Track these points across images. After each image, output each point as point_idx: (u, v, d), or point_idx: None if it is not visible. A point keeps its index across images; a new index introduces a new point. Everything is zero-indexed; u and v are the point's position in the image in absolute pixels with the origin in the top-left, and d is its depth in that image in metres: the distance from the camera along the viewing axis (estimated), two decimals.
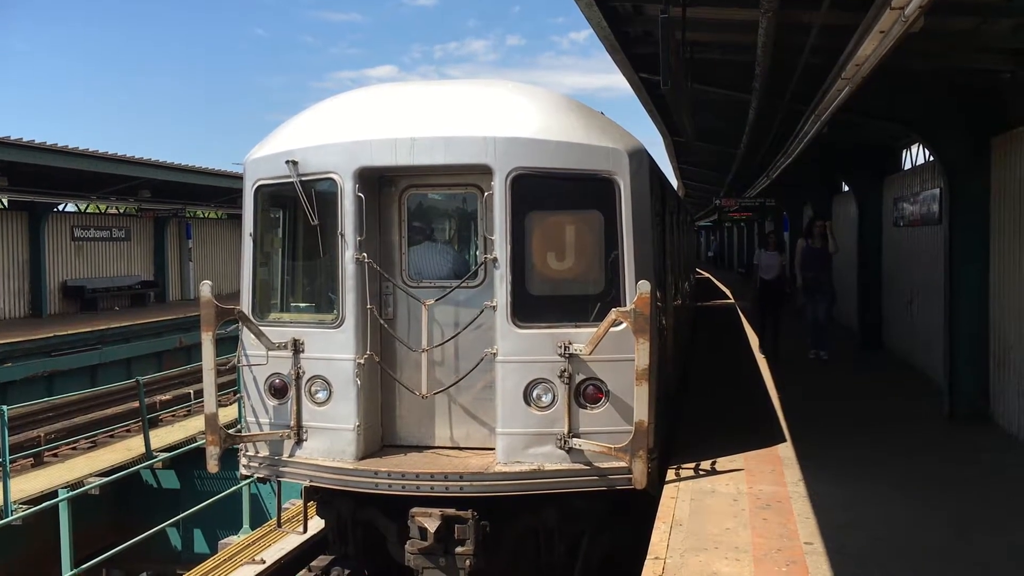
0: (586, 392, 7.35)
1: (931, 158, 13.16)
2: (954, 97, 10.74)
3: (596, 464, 7.27)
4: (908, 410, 11.47)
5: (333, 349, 7.68)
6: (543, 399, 7.36)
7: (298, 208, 7.89)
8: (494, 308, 7.42)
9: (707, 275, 45.79)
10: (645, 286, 6.94)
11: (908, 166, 17.21)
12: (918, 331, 14.64)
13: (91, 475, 13.96)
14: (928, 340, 13.52)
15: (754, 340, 18.15)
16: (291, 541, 10.10)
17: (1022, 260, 9.47)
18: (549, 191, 7.51)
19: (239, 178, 8.48)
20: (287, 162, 7.76)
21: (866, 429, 10.44)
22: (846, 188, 21.27)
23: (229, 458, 8.16)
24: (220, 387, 8.60)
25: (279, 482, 8.47)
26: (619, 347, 7.15)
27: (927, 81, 10.91)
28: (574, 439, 7.26)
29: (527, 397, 7.37)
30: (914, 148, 16.79)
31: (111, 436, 16.58)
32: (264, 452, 7.94)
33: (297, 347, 7.74)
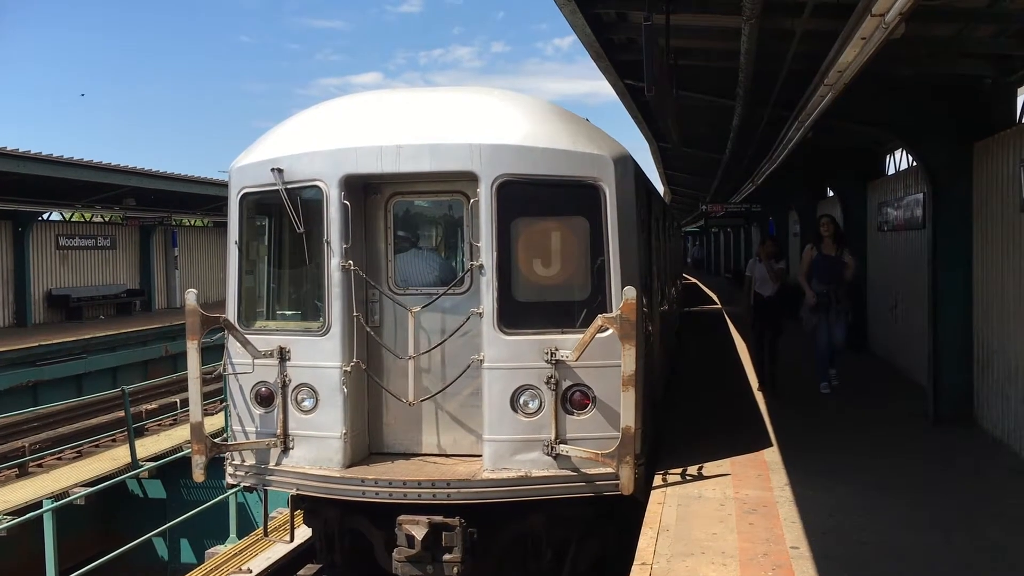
0: (573, 398, 7.36)
1: (915, 163, 13.26)
2: (937, 102, 10.82)
3: (583, 470, 7.28)
4: (892, 413, 11.52)
5: (319, 357, 7.66)
6: (530, 405, 7.36)
7: (284, 216, 7.87)
8: (480, 315, 7.43)
9: (694, 280, 45.92)
10: (631, 292, 6.95)
11: (892, 171, 17.34)
12: (902, 334, 14.72)
13: (76, 485, 13.87)
14: (912, 343, 13.59)
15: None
16: (278, 550, 10.05)
17: (1005, 264, 9.54)
18: (535, 198, 7.52)
19: (225, 186, 8.46)
20: (272, 170, 7.74)
21: (851, 433, 10.48)
22: (831, 193, 21.41)
23: (215, 467, 8.12)
24: (206, 396, 8.57)
25: (266, 491, 8.44)
26: (605, 353, 7.16)
27: (910, 86, 11.00)
28: (561, 445, 7.27)
29: (514, 404, 7.37)
30: (898, 153, 16.93)
31: (96, 446, 16.50)
32: (250, 461, 7.91)
33: (283, 355, 7.72)
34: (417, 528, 7.06)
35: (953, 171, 10.57)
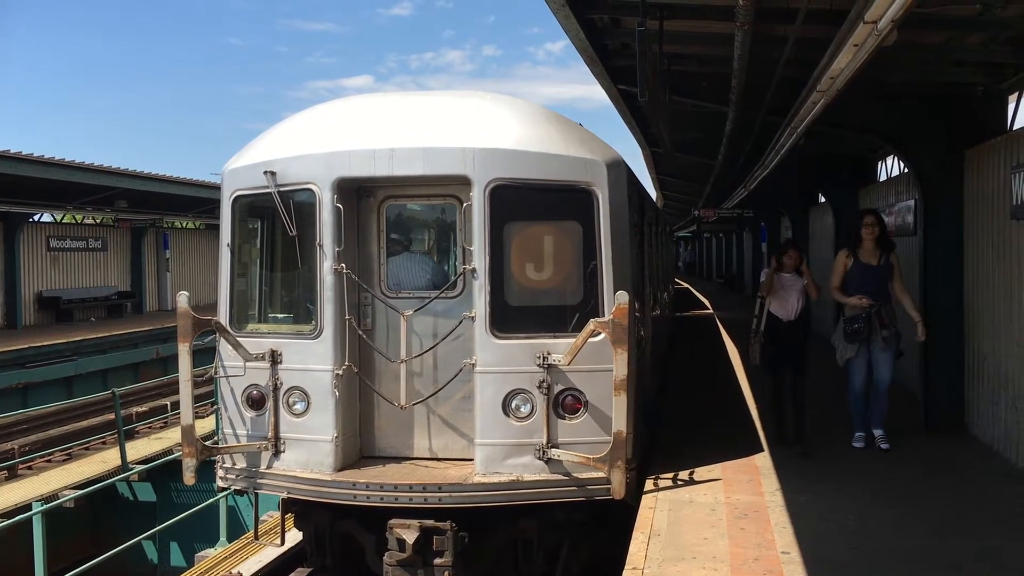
0: (564, 402, 7.36)
1: (906, 169, 13.31)
2: (928, 109, 10.87)
3: (575, 475, 7.28)
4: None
5: (311, 360, 7.65)
6: (522, 409, 7.37)
7: (276, 219, 7.87)
8: (473, 319, 7.43)
9: (686, 285, 46.01)
10: (623, 296, 6.96)
11: (883, 177, 17.41)
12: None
13: (66, 488, 13.82)
14: (903, 350, 13.60)
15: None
16: (268, 554, 10.03)
17: (995, 270, 9.57)
18: (527, 202, 7.53)
19: (217, 188, 8.46)
20: (265, 172, 7.74)
21: (842, 438, 10.48)
22: (822, 199, 21.47)
23: (206, 470, 8.10)
24: (197, 399, 8.55)
25: (256, 494, 8.42)
26: (597, 357, 7.17)
27: (902, 94, 11.05)
28: (553, 449, 7.27)
29: (506, 408, 7.37)
30: (889, 159, 16.99)
31: (86, 448, 16.44)
32: (241, 464, 7.89)
33: (275, 358, 7.71)
34: (408, 532, 7.05)
35: (944, 178, 10.61)
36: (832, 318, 10.16)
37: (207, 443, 8.09)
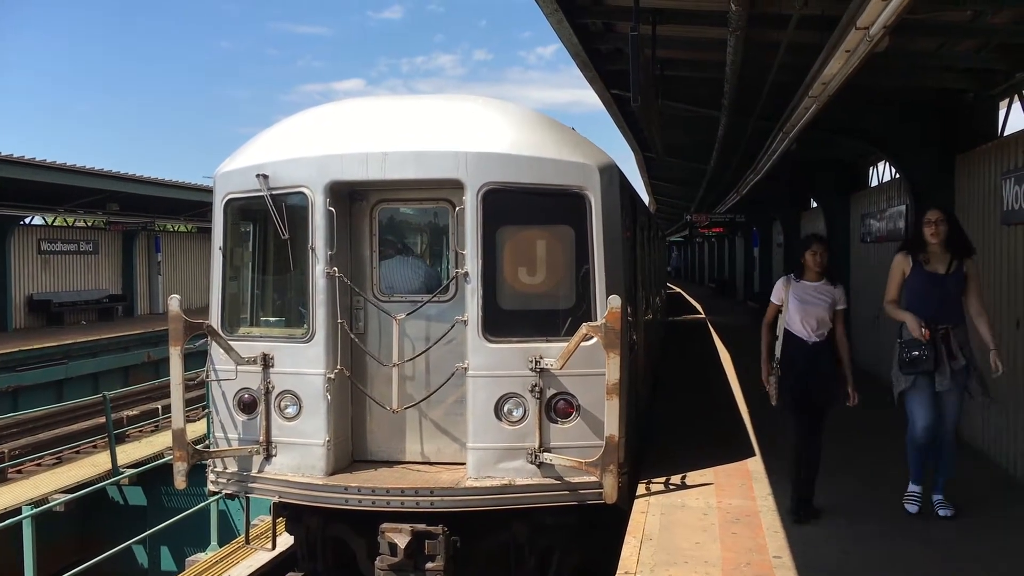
0: (557, 407, 7.36)
1: (897, 175, 13.36)
2: (919, 115, 10.92)
3: (567, 479, 7.28)
4: (875, 423, 11.54)
5: (303, 364, 7.64)
6: (514, 414, 7.36)
7: (268, 222, 7.86)
8: (465, 322, 7.43)
9: (678, 290, 46.09)
10: (615, 301, 6.97)
11: (875, 182, 17.48)
12: (885, 345, 14.77)
13: (56, 492, 13.73)
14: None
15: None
16: (260, 558, 9.99)
17: (985, 276, 9.58)
18: (520, 206, 7.53)
19: (209, 191, 8.46)
20: (258, 176, 7.73)
21: (833, 443, 10.46)
22: (814, 204, 21.54)
23: (197, 474, 8.07)
24: (188, 402, 8.52)
25: (247, 498, 8.39)
26: (590, 362, 7.17)
27: (893, 99, 11.10)
28: (545, 454, 7.27)
29: (498, 412, 7.37)
30: (880, 165, 17.06)
31: (77, 452, 16.34)
32: (232, 468, 7.87)
33: (267, 362, 7.70)
34: (400, 536, 7.04)
35: (935, 183, 10.65)
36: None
37: (198, 447, 8.07)
